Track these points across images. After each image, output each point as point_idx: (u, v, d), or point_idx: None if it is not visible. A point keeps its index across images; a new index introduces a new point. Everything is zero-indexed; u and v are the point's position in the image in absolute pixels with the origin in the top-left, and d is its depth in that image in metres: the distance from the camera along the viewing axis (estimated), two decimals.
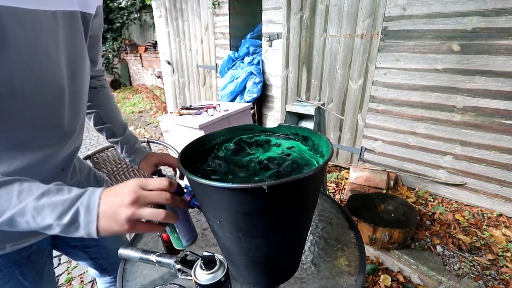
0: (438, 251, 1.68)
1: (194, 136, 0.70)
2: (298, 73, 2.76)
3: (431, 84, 2.01)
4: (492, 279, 1.50)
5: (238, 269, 0.66)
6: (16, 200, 0.43)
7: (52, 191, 0.45)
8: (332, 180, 2.56)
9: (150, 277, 0.74)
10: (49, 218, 0.43)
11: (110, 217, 0.45)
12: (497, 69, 1.75)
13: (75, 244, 0.86)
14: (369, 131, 2.44)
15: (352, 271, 0.72)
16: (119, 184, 0.49)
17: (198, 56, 3.90)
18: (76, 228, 0.45)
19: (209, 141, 0.72)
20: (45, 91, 0.53)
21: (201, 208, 0.57)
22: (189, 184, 0.58)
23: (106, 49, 7.56)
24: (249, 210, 0.49)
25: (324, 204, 1.04)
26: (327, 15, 2.39)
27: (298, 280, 0.70)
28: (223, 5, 3.24)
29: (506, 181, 1.90)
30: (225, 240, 0.58)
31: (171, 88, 4.66)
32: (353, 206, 1.82)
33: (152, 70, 6.90)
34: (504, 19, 1.66)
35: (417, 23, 1.96)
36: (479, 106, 1.87)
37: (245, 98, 3.07)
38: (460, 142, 2.01)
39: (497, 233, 1.80)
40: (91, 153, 1.48)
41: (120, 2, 6.85)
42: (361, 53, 2.28)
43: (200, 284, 0.56)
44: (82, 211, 0.44)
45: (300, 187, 0.49)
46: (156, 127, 4.46)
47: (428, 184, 2.26)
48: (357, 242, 0.82)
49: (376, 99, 2.32)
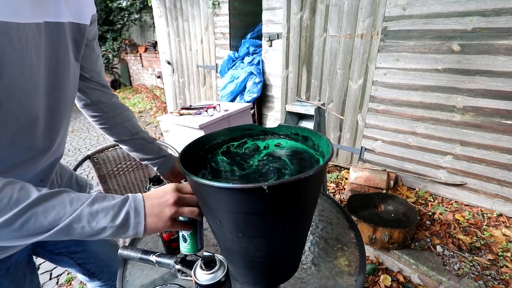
0: (438, 251, 1.68)
1: (194, 136, 0.70)
2: (298, 73, 2.76)
3: (431, 84, 2.01)
4: (492, 279, 1.50)
5: (238, 269, 0.66)
6: (70, 208, 0.46)
7: (99, 198, 0.49)
8: (332, 180, 2.56)
9: (150, 277, 0.74)
10: (104, 222, 0.47)
11: (156, 216, 0.51)
12: (497, 69, 1.75)
13: (60, 251, 0.84)
14: (369, 131, 2.44)
15: (352, 271, 0.72)
16: (158, 189, 0.56)
17: (198, 56, 3.90)
18: (126, 229, 0.49)
19: (209, 141, 0.72)
20: (28, 104, 0.52)
21: (201, 208, 0.57)
22: (189, 184, 0.58)
23: (106, 49, 7.56)
24: (249, 210, 0.49)
25: (324, 204, 1.04)
26: (327, 15, 2.39)
27: (298, 280, 0.70)
28: (223, 5, 3.24)
29: (506, 181, 1.90)
30: (225, 240, 0.58)
31: (171, 88, 4.66)
32: (353, 206, 1.81)
33: (152, 70, 6.90)
34: (504, 19, 1.66)
35: (417, 23, 1.96)
36: (479, 106, 1.87)
37: (245, 98, 3.07)
38: (460, 142, 2.01)
39: (497, 233, 1.80)
40: (91, 153, 1.48)
41: (120, 3, 6.85)
42: (361, 53, 2.28)
43: (200, 284, 0.56)
44: (132, 213, 0.50)
45: (300, 187, 0.49)
46: (156, 127, 4.46)
47: (428, 184, 2.26)
48: (357, 242, 0.82)
49: (376, 99, 2.32)
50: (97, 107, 0.83)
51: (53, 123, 0.62)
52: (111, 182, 1.56)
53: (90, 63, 0.74)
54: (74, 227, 0.46)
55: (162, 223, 0.52)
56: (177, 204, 0.53)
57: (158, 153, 0.95)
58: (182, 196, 0.55)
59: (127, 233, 0.50)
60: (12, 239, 0.44)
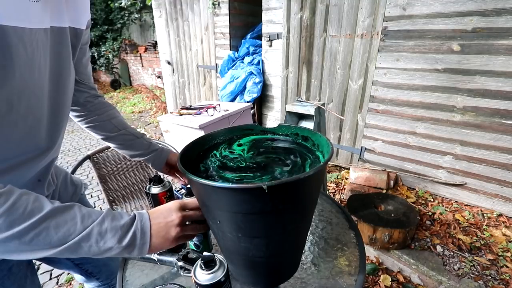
0: (438, 251, 1.68)
1: (194, 136, 0.70)
2: (298, 73, 2.76)
3: (431, 84, 2.01)
4: (492, 279, 1.50)
5: (238, 269, 0.66)
6: (81, 225, 0.46)
7: (109, 216, 0.49)
8: (332, 180, 2.56)
9: (150, 277, 0.74)
10: (111, 242, 0.47)
11: (162, 237, 0.53)
12: (497, 69, 1.75)
13: None
14: (369, 131, 2.44)
15: (352, 271, 0.72)
16: (162, 206, 0.57)
17: (198, 56, 3.90)
18: (132, 249, 0.50)
19: (209, 141, 0.72)
20: (34, 105, 0.53)
21: (201, 208, 0.57)
22: (189, 184, 0.58)
23: (106, 49, 7.55)
24: (249, 210, 0.49)
25: (324, 204, 1.04)
26: (327, 15, 2.39)
27: (298, 280, 0.70)
28: (223, 5, 3.24)
29: (506, 181, 1.90)
30: (225, 240, 0.58)
31: (171, 88, 4.66)
32: (353, 206, 1.81)
33: (152, 70, 6.90)
34: (504, 19, 1.66)
35: (417, 23, 1.96)
36: (479, 106, 1.87)
37: (245, 98, 3.07)
38: (460, 142, 2.01)
39: (497, 233, 1.80)
40: (91, 153, 1.48)
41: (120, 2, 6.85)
42: (361, 53, 2.28)
43: (200, 284, 0.56)
44: (138, 234, 0.50)
45: (300, 187, 0.49)
46: (156, 127, 4.46)
47: (428, 184, 2.26)
48: (357, 242, 0.82)
49: (376, 99, 2.32)
50: (84, 108, 0.83)
51: (56, 124, 0.63)
52: (111, 182, 1.56)
53: (82, 66, 0.76)
54: (82, 245, 0.46)
55: (168, 244, 0.54)
56: (182, 224, 0.55)
57: (148, 148, 0.92)
58: (187, 215, 0.57)
59: (132, 253, 0.50)
60: (19, 252, 0.44)
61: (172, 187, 0.80)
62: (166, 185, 0.83)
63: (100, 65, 7.74)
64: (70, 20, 0.60)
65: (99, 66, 7.79)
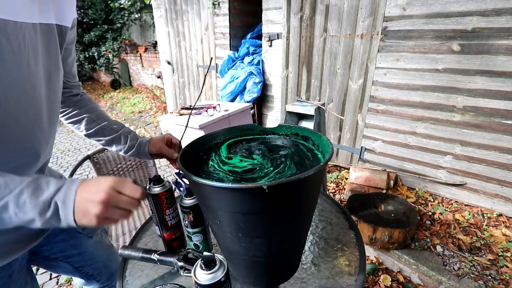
0: (438, 251, 1.68)
1: (194, 136, 0.70)
2: (298, 73, 2.76)
3: (431, 84, 2.01)
4: (492, 279, 1.50)
5: (238, 269, 0.66)
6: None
7: (30, 187, 0.46)
8: (332, 180, 2.56)
9: (150, 277, 0.74)
10: (31, 214, 0.45)
11: (81, 212, 0.48)
12: (497, 69, 1.74)
13: (56, 257, 0.83)
14: (369, 131, 2.44)
15: (352, 271, 0.72)
16: (97, 179, 0.52)
17: (198, 56, 3.90)
18: (58, 220, 0.47)
19: (209, 141, 0.72)
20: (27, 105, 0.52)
21: (201, 208, 0.57)
22: (189, 184, 0.58)
23: (106, 49, 7.56)
24: (249, 210, 0.49)
25: (324, 204, 1.04)
26: (327, 15, 2.39)
27: (298, 280, 0.70)
28: (223, 5, 3.24)
29: (506, 181, 1.90)
30: (225, 240, 0.58)
31: (171, 88, 4.66)
32: (353, 206, 1.81)
33: (152, 70, 6.90)
34: (504, 19, 1.66)
35: (417, 23, 1.96)
36: (479, 106, 1.87)
37: (245, 98, 3.07)
38: (460, 142, 2.01)
39: (497, 233, 1.80)
40: (91, 153, 1.48)
41: (120, 3, 6.85)
42: (361, 53, 2.28)
43: (200, 284, 0.56)
44: (60, 205, 0.47)
45: (300, 187, 0.50)
46: (156, 127, 4.46)
47: (428, 184, 2.26)
48: (357, 242, 0.82)
49: (376, 99, 2.32)
50: (64, 104, 0.82)
51: (51, 125, 0.62)
52: None
53: (67, 66, 0.75)
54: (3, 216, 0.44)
55: (87, 220, 0.49)
56: (105, 203, 0.49)
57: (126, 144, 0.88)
58: (116, 199, 0.50)
59: (60, 224, 0.47)
60: None
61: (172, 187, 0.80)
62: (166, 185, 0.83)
63: (100, 65, 7.74)
64: (56, 16, 0.58)
65: (99, 66, 7.80)
